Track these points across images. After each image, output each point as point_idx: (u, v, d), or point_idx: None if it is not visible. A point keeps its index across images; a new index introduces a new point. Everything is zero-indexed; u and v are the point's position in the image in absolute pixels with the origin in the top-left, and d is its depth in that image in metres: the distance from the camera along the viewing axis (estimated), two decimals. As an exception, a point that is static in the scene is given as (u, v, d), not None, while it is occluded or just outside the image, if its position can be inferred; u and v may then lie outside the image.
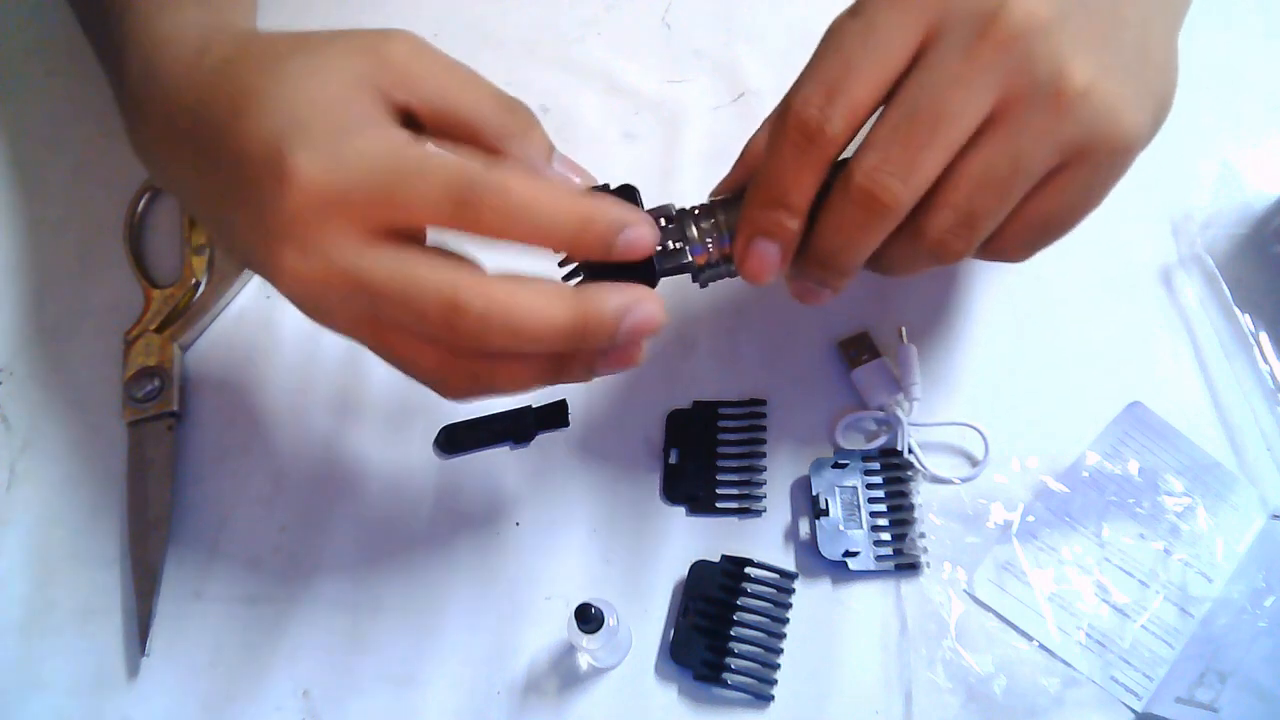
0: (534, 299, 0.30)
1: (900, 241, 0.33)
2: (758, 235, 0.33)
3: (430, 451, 0.45)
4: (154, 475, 0.45)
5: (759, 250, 0.33)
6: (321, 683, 0.41)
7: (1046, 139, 0.31)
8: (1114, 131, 0.31)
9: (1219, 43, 0.50)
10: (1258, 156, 0.49)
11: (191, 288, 0.49)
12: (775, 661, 0.40)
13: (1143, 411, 0.44)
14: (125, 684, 0.42)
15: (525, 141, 0.33)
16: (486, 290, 0.29)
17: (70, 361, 0.49)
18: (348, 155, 0.29)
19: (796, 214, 0.33)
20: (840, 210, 0.32)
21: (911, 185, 0.31)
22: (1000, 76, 0.30)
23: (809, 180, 0.32)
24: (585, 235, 0.30)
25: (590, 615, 0.36)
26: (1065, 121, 0.31)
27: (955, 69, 0.30)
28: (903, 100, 0.31)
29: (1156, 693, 0.39)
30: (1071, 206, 0.33)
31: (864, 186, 0.31)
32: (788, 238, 0.33)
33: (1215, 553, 0.42)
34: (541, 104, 0.50)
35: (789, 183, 0.32)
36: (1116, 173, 0.33)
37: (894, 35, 0.30)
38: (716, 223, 0.35)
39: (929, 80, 0.30)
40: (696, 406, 0.45)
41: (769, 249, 0.33)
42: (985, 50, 0.30)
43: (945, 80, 0.30)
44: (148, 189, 0.52)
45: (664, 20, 0.55)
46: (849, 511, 0.42)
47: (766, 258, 0.33)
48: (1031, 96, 0.30)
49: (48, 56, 0.57)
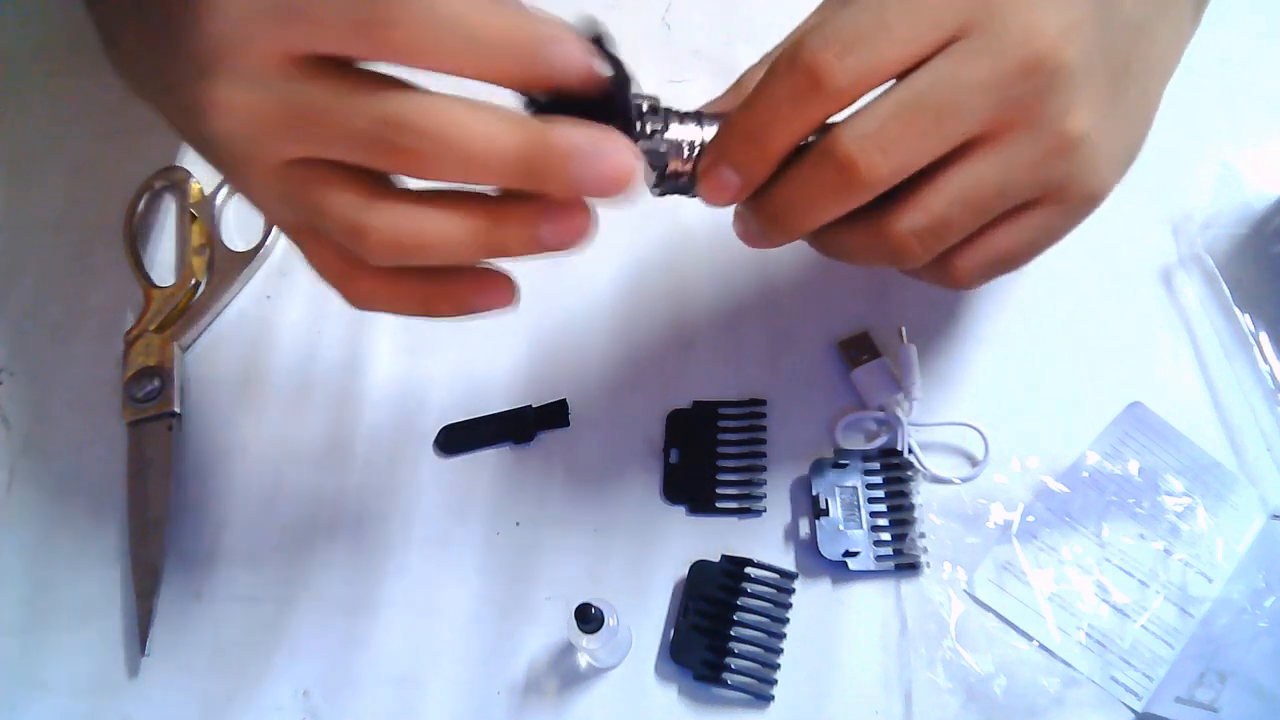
0: (485, 120, 0.27)
1: (859, 229, 0.32)
2: (726, 162, 0.32)
3: (430, 451, 0.45)
4: (154, 475, 0.45)
5: (722, 176, 0.32)
6: (321, 683, 0.41)
7: (1034, 172, 0.31)
8: (1091, 182, 0.32)
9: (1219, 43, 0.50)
10: (1258, 156, 0.49)
11: (191, 288, 0.49)
12: (775, 661, 0.40)
13: (1143, 411, 0.44)
14: (125, 684, 0.42)
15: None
16: (432, 106, 0.27)
17: (70, 361, 0.49)
18: None
19: (770, 156, 0.31)
20: (814, 170, 0.31)
21: (895, 169, 0.30)
22: (1014, 98, 0.30)
23: (796, 129, 0.31)
24: (522, 54, 0.27)
25: (590, 615, 0.36)
26: (1056, 161, 0.31)
27: (979, 74, 0.29)
28: (916, 82, 0.30)
29: (1156, 693, 0.39)
30: (1031, 243, 0.33)
31: (849, 154, 0.29)
32: (754, 176, 0.32)
33: (1215, 553, 0.42)
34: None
35: (776, 125, 0.31)
36: (1079, 219, 0.34)
37: (940, 12, 0.29)
38: (697, 139, 0.32)
39: (949, 73, 0.30)
40: (696, 406, 0.45)
41: (732, 179, 0.32)
42: (1011, 68, 0.29)
43: (966, 80, 0.29)
44: (148, 189, 0.52)
45: (664, 20, 0.55)
46: (849, 511, 0.42)
47: (727, 187, 0.32)
48: (1035, 129, 0.30)
49: (48, 56, 0.57)
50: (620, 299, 0.48)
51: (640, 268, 0.48)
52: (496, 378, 0.47)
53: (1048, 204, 0.32)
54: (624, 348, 0.47)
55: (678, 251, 0.48)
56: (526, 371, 0.47)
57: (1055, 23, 0.30)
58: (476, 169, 0.27)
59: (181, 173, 0.52)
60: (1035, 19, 0.29)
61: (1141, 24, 0.33)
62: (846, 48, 0.29)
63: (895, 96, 0.30)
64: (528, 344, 0.47)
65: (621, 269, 0.49)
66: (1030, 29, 0.29)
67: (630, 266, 0.49)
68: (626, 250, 0.49)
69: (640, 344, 0.47)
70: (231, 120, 0.28)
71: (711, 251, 0.49)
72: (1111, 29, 0.31)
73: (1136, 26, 0.33)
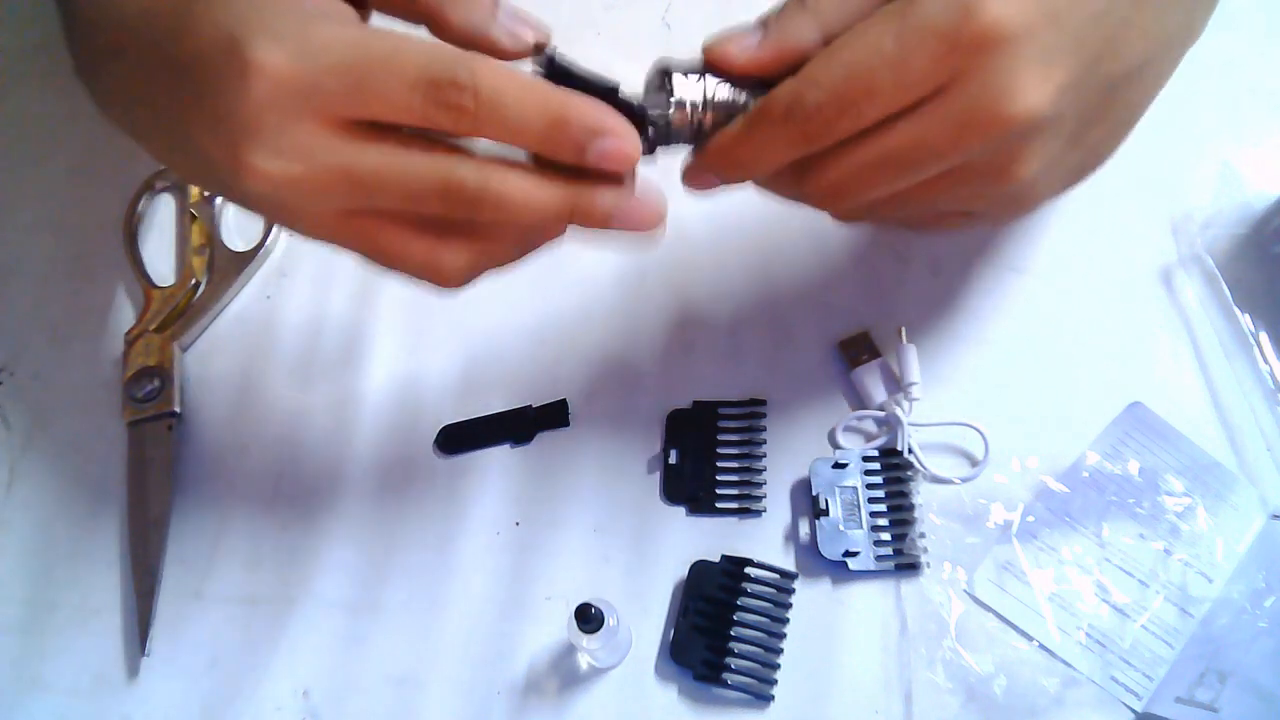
0: (535, 184, 0.30)
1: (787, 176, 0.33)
2: (713, 173, 0.33)
3: (430, 451, 0.45)
4: (154, 475, 0.45)
5: (708, 181, 0.34)
6: (321, 683, 0.41)
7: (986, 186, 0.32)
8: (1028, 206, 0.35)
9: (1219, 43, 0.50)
10: (1258, 156, 0.49)
11: (191, 288, 0.49)
12: (775, 661, 0.40)
13: (1143, 411, 0.44)
14: (125, 684, 0.42)
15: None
16: (489, 175, 0.29)
17: (70, 361, 0.49)
18: (313, 43, 0.28)
19: (758, 175, 0.33)
20: (775, 123, 0.31)
21: (847, 130, 0.31)
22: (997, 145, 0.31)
23: (785, 159, 0.32)
24: (557, 135, 0.29)
25: (590, 615, 0.36)
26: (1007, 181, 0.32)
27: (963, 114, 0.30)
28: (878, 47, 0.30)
29: (1156, 693, 0.39)
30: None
31: (815, 122, 0.30)
32: (736, 183, 0.34)
33: (1215, 553, 0.42)
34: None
35: (766, 159, 0.32)
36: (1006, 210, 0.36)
37: (922, 76, 0.29)
38: (701, 111, 0.33)
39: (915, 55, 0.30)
40: (696, 406, 0.45)
41: (715, 182, 0.34)
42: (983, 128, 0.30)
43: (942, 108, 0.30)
44: (147, 189, 0.52)
45: (664, 20, 0.55)
46: (849, 511, 0.42)
47: (711, 189, 0.34)
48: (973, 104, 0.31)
49: (48, 56, 0.57)
50: (620, 299, 0.48)
51: (640, 268, 0.48)
52: (496, 378, 0.47)
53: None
54: (624, 348, 0.47)
55: (678, 251, 0.48)
56: (526, 371, 0.47)
57: (1038, 89, 0.29)
58: (527, 221, 0.31)
59: (181, 173, 0.52)
60: (1018, 81, 0.29)
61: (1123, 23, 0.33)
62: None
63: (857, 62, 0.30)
64: (528, 344, 0.47)
65: (621, 269, 0.49)
66: (1011, 91, 0.29)
67: (630, 266, 0.48)
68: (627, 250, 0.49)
69: (640, 344, 0.47)
70: (269, 188, 0.29)
71: (711, 252, 0.49)
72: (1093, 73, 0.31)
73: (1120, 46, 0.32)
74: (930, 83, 0.29)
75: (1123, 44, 0.31)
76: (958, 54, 0.29)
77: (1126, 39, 0.31)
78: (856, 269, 0.48)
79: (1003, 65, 0.29)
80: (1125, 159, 0.47)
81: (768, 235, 0.49)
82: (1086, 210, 0.48)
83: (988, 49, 0.29)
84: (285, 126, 0.28)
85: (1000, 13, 0.28)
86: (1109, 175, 0.48)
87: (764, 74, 0.32)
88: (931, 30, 0.29)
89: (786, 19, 0.32)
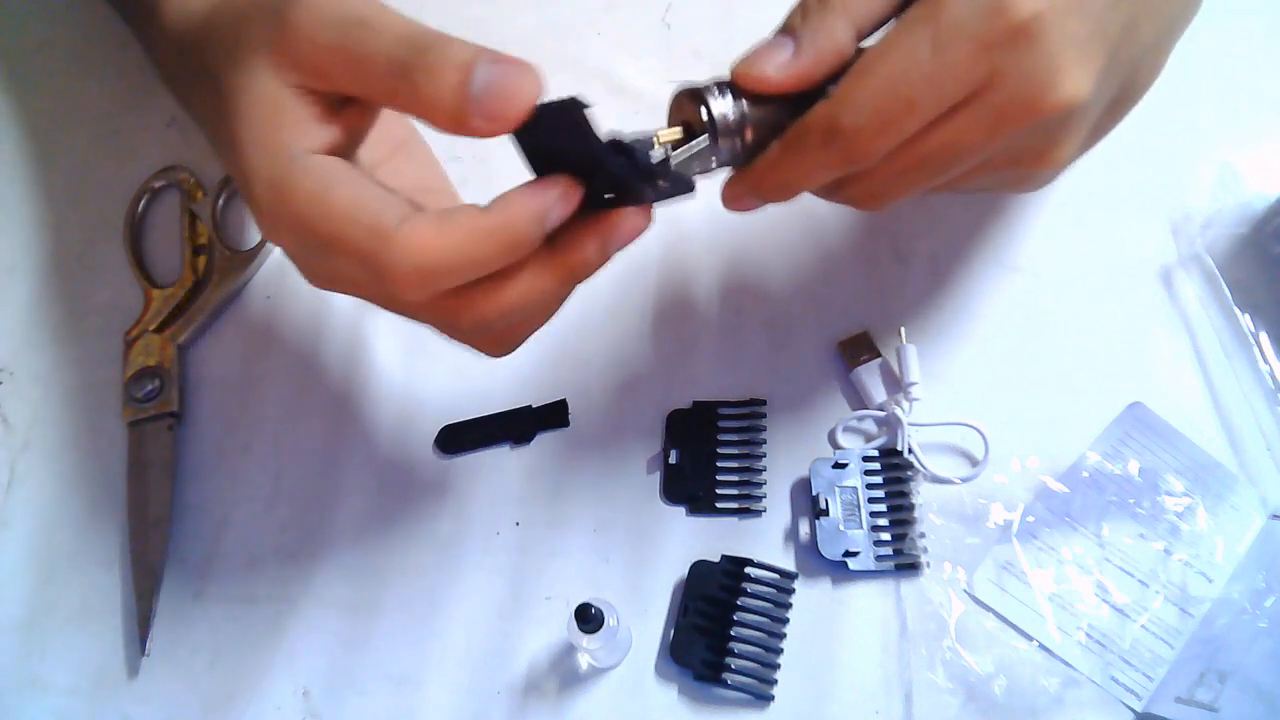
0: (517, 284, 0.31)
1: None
2: (754, 195, 0.33)
3: (430, 451, 0.45)
4: (154, 475, 0.45)
5: (748, 204, 0.34)
6: (321, 683, 0.41)
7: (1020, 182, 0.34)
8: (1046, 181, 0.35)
9: (1219, 43, 0.50)
10: (1258, 156, 0.49)
11: (191, 288, 0.49)
12: (775, 661, 0.40)
13: (1143, 411, 0.44)
14: (125, 684, 0.42)
15: (432, 82, 0.28)
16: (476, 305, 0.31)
17: (70, 361, 0.49)
18: (289, 200, 0.30)
19: (795, 195, 0.33)
20: (815, 148, 0.31)
21: (890, 143, 0.30)
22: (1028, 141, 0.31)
23: (827, 178, 0.32)
24: (517, 250, 0.30)
25: (590, 615, 0.36)
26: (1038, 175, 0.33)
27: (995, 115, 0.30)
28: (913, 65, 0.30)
29: (1156, 693, 0.39)
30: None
31: (857, 144, 0.30)
32: (776, 202, 0.33)
33: (1215, 553, 0.42)
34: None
35: (805, 181, 0.32)
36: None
37: (961, 80, 0.29)
38: (734, 145, 0.32)
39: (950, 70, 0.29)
40: (696, 406, 0.45)
41: (757, 204, 0.34)
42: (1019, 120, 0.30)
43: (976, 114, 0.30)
44: (148, 189, 0.52)
45: (664, 20, 0.55)
46: (849, 511, 0.42)
47: (749, 209, 0.34)
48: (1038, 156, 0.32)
49: (48, 56, 0.57)
50: (620, 299, 0.48)
51: (640, 267, 0.48)
52: (496, 378, 0.47)
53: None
54: (624, 348, 0.47)
55: (678, 252, 0.48)
56: (526, 371, 0.47)
57: (1081, 76, 0.29)
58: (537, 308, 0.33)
59: (182, 173, 0.52)
60: (1059, 70, 0.29)
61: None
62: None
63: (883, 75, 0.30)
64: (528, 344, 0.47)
65: (622, 269, 0.49)
66: (1054, 81, 0.29)
67: (630, 267, 0.48)
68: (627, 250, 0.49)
69: (640, 344, 0.47)
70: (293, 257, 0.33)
71: (711, 252, 0.49)
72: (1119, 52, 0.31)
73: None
74: (969, 86, 0.29)
75: (1137, 27, 0.32)
76: (995, 51, 0.29)
77: (1139, 23, 0.32)
78: (856, 269, 0.48)
79: (1042, 56, 0.29)
80: (1125, 159, 0.47)
81: (768, 235, 0.49)
82: (1087, 210, 0.48)
83: (1023, 42, 0.28)
84: (289, 250, 0.32)
85: (1032, 5, 0.28)
86: (1109, 175, 0.48)
87: (805, 88, 0.31)
88: (966, 33, 0.28)
89: (817, 23, 0.30)
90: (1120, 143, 0.37)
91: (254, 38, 0.31)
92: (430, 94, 0.28)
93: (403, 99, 0.29)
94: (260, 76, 0.31)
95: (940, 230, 0.48)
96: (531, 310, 0.32)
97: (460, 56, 0.28)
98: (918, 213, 0.49)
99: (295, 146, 0.30)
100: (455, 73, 0.28)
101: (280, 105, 0.30)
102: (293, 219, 0.30)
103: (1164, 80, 0.35)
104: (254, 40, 0.31)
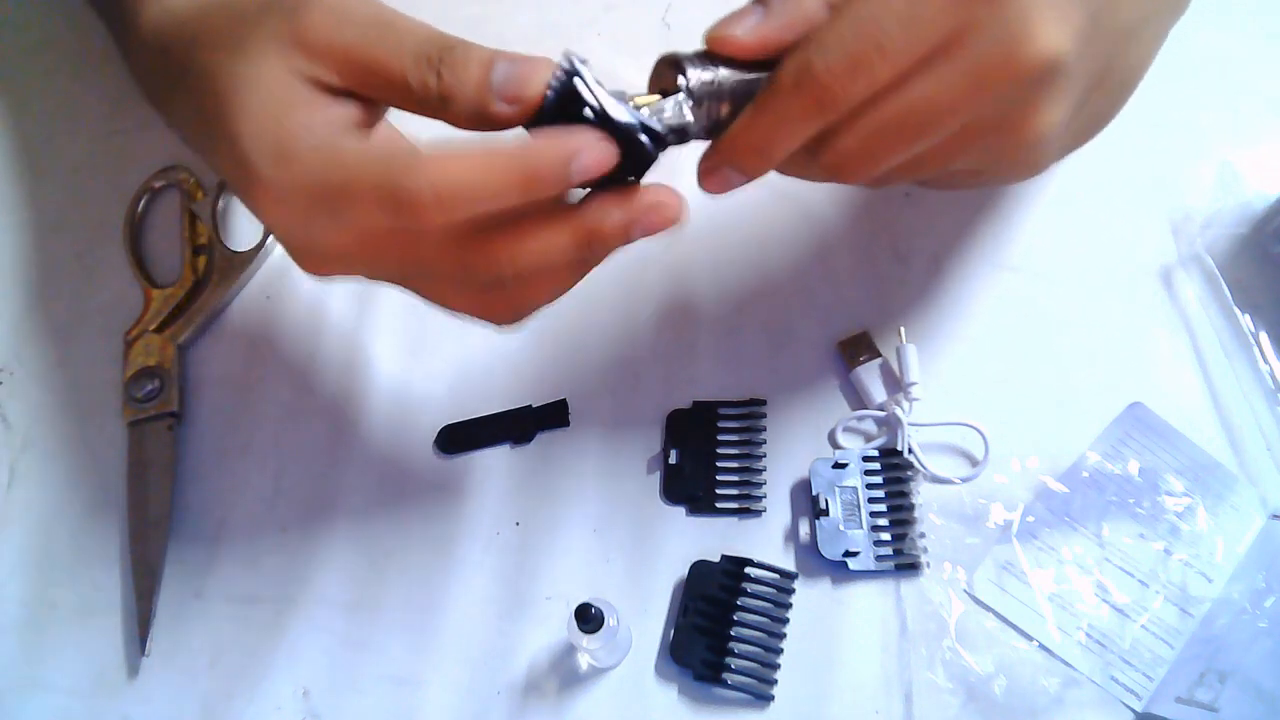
0: (534, 237, 0.31)
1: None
2: (730, 166, 0.32)
3: (430, 451, 0.45)
4: (154, 475, 0.45)
5: (726, 177, 0.33)
6: (321, 683, 0.41)
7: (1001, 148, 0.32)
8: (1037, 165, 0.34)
9: (1219, 43, 0.50)
10: (1258, 156, 0.49)
11: (191, 288, 0.49)
12: (775, 661, 0.40)
13: (1143, 411, 0.44)
14: (125, 684, 0.42)
15: (456, 75, 0.30)
16: (496, 250, 0.31)
17: (70, 361, 0.49)
18: (294, 161, 0.30)
19: (774, 161, 0.32)
20: (787, 94, 0.30)
21: (866, 91, 0.30)
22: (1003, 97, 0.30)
23: (802, 136, 0.31)
24: (537, 183, 0.30)
25: (590, 615, 0.36)
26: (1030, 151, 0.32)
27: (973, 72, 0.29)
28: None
29: (1156, 693, 0.39)
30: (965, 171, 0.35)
31: (829, 88, 0.29)
32: (756, 174, 0.33)
33: (1215, 553, 0.42)
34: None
35: (783, 138, 0.31)
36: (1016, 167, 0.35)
37: (935, 27, 0.29)
38: (710, 110, 0.32)
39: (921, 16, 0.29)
40: (696, 406, 0.45)
41: (736, 179, 0.33)
42: (1004, 72, 0.30)
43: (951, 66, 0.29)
44: (148, 189, 0.52)
45: (664, 20, 0.55)
46: (849, 511, 0.42)
47: (730, 184, 0.33)
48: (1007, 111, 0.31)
49: (48, 56, 0.57)
50: (620, 299, 0.48)
51: (640, 267, 0.48)
52: (496, 378, 0.47)
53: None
54: (624, 348, 0.47)
55: (678, 251, 0.48)
56: (526, 371, 0.47)
57: (1056, 31, 0.29)
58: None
59: (182, 173, 0.52)
60: (1034, 23, 0.29)
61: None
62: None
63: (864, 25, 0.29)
64: (528, 344, 0.47)
65: (621, 269, 0.49)
66: (1029, 34, 0.29)
67: (630, 266, 0.48)
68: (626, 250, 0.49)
69: (640, 344, 0.47)
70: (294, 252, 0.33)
71: (711, 252, 0.49)
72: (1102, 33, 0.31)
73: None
74: (943, 33, 0.29)
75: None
76: (970, 2, 0.28)
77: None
78: (856, 269, 0.48)
79: (1016, 8, 0.29)
80: (1125, 158, 0.47)
81: (768, 235, 0.49)
82: (1087, 210, 0.48)
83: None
84: (292, 225, 0.32)
85: None
86: (1109, 175, 0.48)
87: (773, 52, 0.31)
88: None
89: None
90: (1120, 142, 0.37)
91: (264, 32, 0.32)
92: (453, 84, 0.30)
93: (423, 93, 0.30)
94: (269, 67, 0.31)
95: (940, 230, 0.48)
96: (547, 271, 0.32)
97: (483, 53, 0.30)
98: (917, 213, 0.49)
99: (300, 115, 0.31)
100: (479, 67, 0.30)
101: (290, 88, 0.31)
102: (301, 177, 0.30)
103: (1164, 80, 0.35)
104: (263, 34, 0.31)
